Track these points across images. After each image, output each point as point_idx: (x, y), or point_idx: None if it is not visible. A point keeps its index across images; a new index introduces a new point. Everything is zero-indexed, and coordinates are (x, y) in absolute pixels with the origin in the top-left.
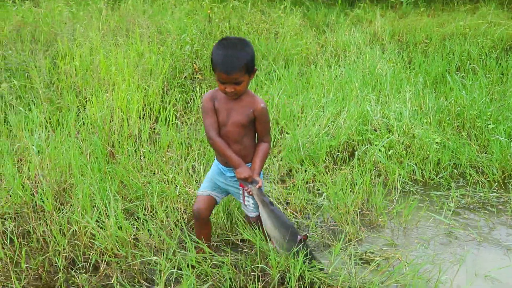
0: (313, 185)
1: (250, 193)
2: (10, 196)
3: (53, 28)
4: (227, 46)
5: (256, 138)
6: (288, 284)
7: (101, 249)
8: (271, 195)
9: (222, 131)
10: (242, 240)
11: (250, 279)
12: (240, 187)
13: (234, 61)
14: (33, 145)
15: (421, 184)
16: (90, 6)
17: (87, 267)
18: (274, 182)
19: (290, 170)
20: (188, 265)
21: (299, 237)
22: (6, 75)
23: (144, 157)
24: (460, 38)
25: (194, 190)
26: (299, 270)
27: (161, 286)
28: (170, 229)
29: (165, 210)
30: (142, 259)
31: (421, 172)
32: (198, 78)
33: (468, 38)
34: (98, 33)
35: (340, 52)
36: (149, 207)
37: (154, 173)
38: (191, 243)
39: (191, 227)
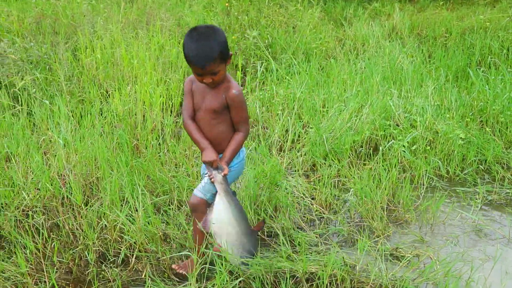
0: (338, 180)
1: (213, 180)
2: (39, 190)
3: (73, 21)
4: (198, 38)
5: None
6: (319, 280)
7: (131, 243)
8: (297, 190)
9: (197, 116)
10: (269, 236)
11: (281, 276)
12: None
13: (208, 53)
14: (59, 138)
15: (446, 180)
16: None
17: (117, 261)
18: (298, 177)
19: (314, 165)
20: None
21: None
22: (28, 67)
23: (168, 151)
24: (480, 32)
25: None
26: (331, 267)
27: (193, 281)
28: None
29: None
30: (172, 255)
31: (446, 168)
32: None
33: (488, 32)
34: (118, 25)
35: (359, 46)
36: (175, 201)
37: (177, 167)
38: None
39: None
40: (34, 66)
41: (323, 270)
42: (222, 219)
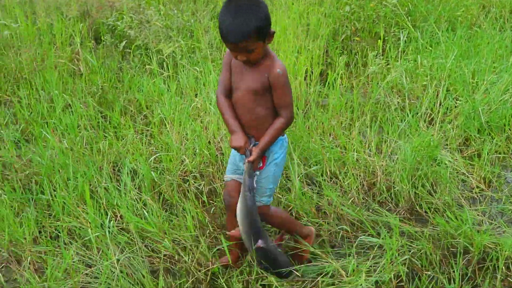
0: (497, 157)
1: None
2: (194, 155)
3: None
4: (233, 11)
5: None
6: (490, 262)
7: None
8: (452, 165)
9: (235, 95)
10: (427, 212)
11: (449, 254)
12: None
13: (241, 29)
14: (210, 105)
15: None
16: None
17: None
18: (453, 151)
19: (467, 139)
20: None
21: (259, 241)
22: (173, 35)
23: (316, 120)
24: None
25: (371, 157)
26: (507, 250)
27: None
28: (352, 196)
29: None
30: (332, 229)
31: None
32: (356, 40)
33: None
34: None
35: (506, 14)
36: (329, 172)
37: (324, 137)
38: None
39: (372, 194)
40: (176, 34)
41: (497, 251)
42: (238, 211)
